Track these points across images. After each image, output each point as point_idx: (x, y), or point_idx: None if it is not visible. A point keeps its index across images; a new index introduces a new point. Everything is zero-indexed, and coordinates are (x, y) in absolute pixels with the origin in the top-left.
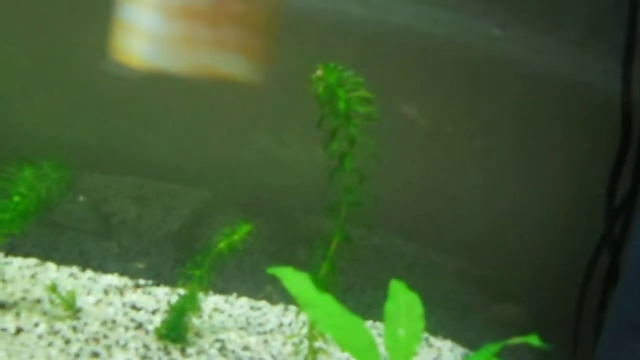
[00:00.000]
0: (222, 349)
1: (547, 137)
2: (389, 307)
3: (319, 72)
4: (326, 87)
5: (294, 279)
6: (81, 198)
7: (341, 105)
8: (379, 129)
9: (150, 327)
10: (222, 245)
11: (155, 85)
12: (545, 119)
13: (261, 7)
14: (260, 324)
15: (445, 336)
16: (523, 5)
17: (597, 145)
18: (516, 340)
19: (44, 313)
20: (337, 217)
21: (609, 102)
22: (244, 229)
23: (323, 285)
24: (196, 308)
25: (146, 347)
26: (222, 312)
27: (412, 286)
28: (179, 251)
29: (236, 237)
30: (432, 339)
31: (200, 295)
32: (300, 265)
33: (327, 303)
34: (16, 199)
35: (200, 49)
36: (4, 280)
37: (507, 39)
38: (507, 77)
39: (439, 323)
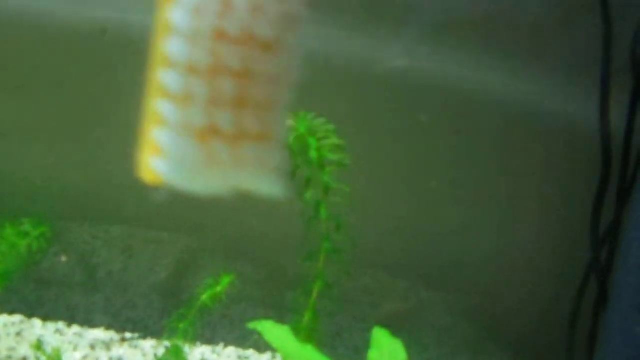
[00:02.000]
0: None
1: (532, 171)
2: (372, 355)
3: (289, 122)
4: (297, 136)
5: (274, 332)
6: (63, 258)
7: (313, 154)
8: (362, 168)
9: None
10: (205, 297)
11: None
12: (528, 154)
13: (277, 124)
14: None
15: None
16: (500, 44)
17: (579, 176)
18: None
19: None
20: (316, 264)
21: (589, 135)
22: (227, 279)
23: (306, 333)
24: None
25: None
26: None
27: (403, 325)
28: (166, 302)
29: (219, 288)
30: None
31: (186, 347)
32: (288, 311)
33: (309, 354)
34: None
35: (223, 169)
36: None
37: (486, 77)
38: (489, 113)
39: None
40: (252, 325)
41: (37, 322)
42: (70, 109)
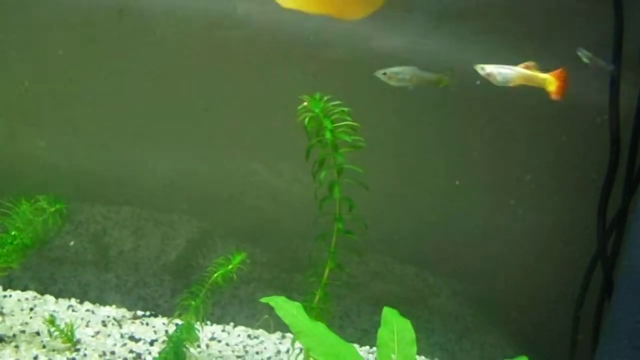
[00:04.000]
0: None
1: (539, 160)
2: (382, 333)
3: (305, 104)
4: (312, 118)
5: (287, 308)
6: (71, 243)
7: (328, 135)
8: (379, 157)
9: (149, 358)
10: (216, 275)
11: (154, 117)
12: (537, 143)
13: None
14: (257, 352)
15: (443, 358)
16: (514, 33)
17: (587, 166)
18: None
19: (43, 346)
20: (329, 245)
21: (598, 125)
22: (238, 258)
23: (317, 312)
24: (193, 338)
25: None
26: (219, 341)
27: (410, 309)
28: (176, 281)
29: (230, 266)
30: None
31: (197, 325)
32: (297, 293)
33: (320, 331)
34: (13, 233)
35: None
36: (2, 314)
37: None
38: (499, 104)
39: (437, 345)
40: (264, 300)
41: (50, 299)
42: (90, 91)
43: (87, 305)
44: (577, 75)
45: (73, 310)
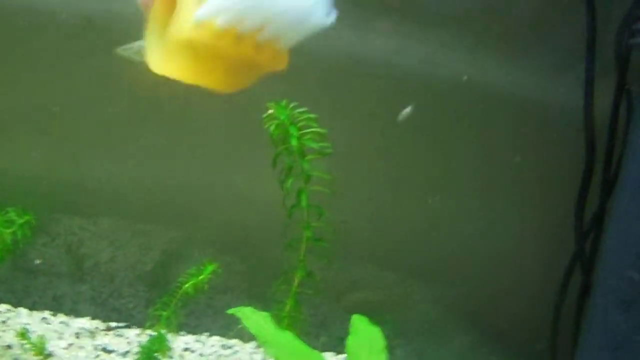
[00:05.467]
0: None
1: (517, 163)
2: (351, 342)
3: (270, 111)
4: (278, 125)
5: (253, 318)
6: (37, 261)
7: (294, 142)
8: (351, 161)
9: None
10: (187, 285)
11: (130, 128)
12: (514, 146)
13: None
14: None
15: None
16: (491, 35)
17: (564, 168)
18: None
19: (15, 359)
20: (298, 253)
21: (574, 127)
22: (209, 268)
23: (288, 322)
24: (165, 348)
25: None
26: (193, 351)
27: (390, 316)
28: (152, 292)
29: (202, 277)
30: None
31: (170, 335)
32: (272, 302)
33: (287, 340)
34: None
35: None
36: None
37: (476, 66)
38: (473, 103)
39: (416, 352)
40: (231, 311)
41: (23, 311)
42: (59, 103)
43: (61, 317)
44: (556, 80)
45: (47, 323)
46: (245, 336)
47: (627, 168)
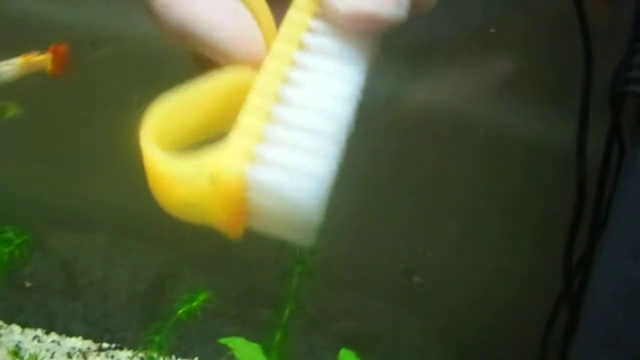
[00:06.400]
0: None
1: (506, 200)
2: None
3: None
4: None
5: (244, 349)
6: (27, 284)
7: None
8: (353, 189)
9: None
10: (180, 312)
11: (124, 147)
12: (503, 182)
13: None
14: None
15: None
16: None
17: (553, 206)
18: None
19: None
20: (289, 285)
21: (566, 165)
22: (202, 296)
23: (277, 352)
24: None
25: None
26: None
27: (381, 345)
28: (145, 313)
29: (195, 304)
30: None
31: (161, 359)
32: (263, 330)
33: None
34: None
35: None
36: None
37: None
38: (462, 139)
39: None
40: (223, 341)
41: (16, 329)
42: (56, 118)
43: (53, 336)
44: (546, 116)
45: (39, 341)
46: None
47: (616, 211)
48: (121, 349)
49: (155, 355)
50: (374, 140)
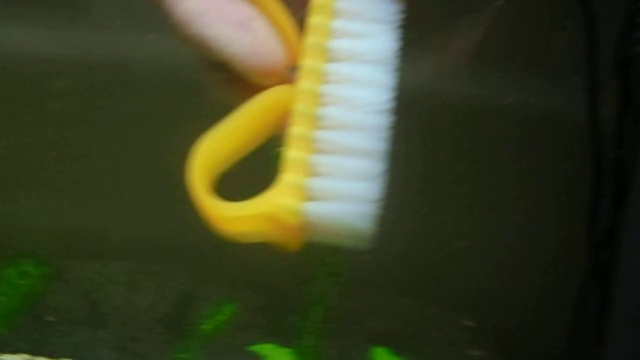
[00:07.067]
0: None
1: (526, 180)
2: None
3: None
4: None
5: (276, 355)
6: (49, 318)
7: None
8: None
9: None
10: (207, 327)
11: (139, 169)
12: (520, 163)
13: None
14: None
15: None
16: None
17: (573, 182)
18: None
19: None
20: (315, 289)
21: (581, 139)
22: (228, 309)
23: (309, 357)
24: None
25: None
26: None
27: (409, 341)
28: (171, 334)
29: (221, 317)
30: None
31: None
32: (292, 337)
33: None
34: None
35: None
36: None
37: (477, 81)
38: (475, 118)
39: None
40: (254, 349)
41: None
42: (69, 145)
43: None
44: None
45: None
46: None
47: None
48: None
49: None
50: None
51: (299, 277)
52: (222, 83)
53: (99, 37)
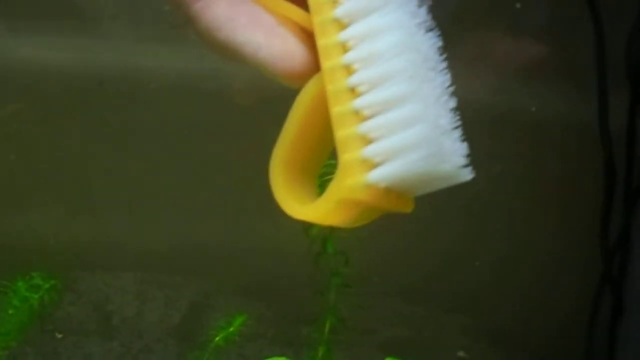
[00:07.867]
0: None
1: (538, 185)
2: None
3: None
4: None
5: None
6: (58, 335)
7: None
8: None
9: None
10: (218, 338)
11: (148, 181)
12: (532, 167)
13: None
14: None
15: None
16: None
17: (584, 187)
18: None
19: None
20: (327, 299)
21: (592, 143)
22: (239, 320)
23: None
24: None
25: None
26: None
27: (423, 349)
28: (182, 345)
29: (232, 328)
30: None
31: None
32: (304, 348)
33: None
34: (10, 312)
35: None
36: None
37: (487, 86)
38: (484, 123)
39: None
40: None
41: None
42: (79, 157)
43: None
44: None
45: None
46: None
47: None
48: None
49: None
50: None
51: (309, 288)
52: None
53: (108, 49)
